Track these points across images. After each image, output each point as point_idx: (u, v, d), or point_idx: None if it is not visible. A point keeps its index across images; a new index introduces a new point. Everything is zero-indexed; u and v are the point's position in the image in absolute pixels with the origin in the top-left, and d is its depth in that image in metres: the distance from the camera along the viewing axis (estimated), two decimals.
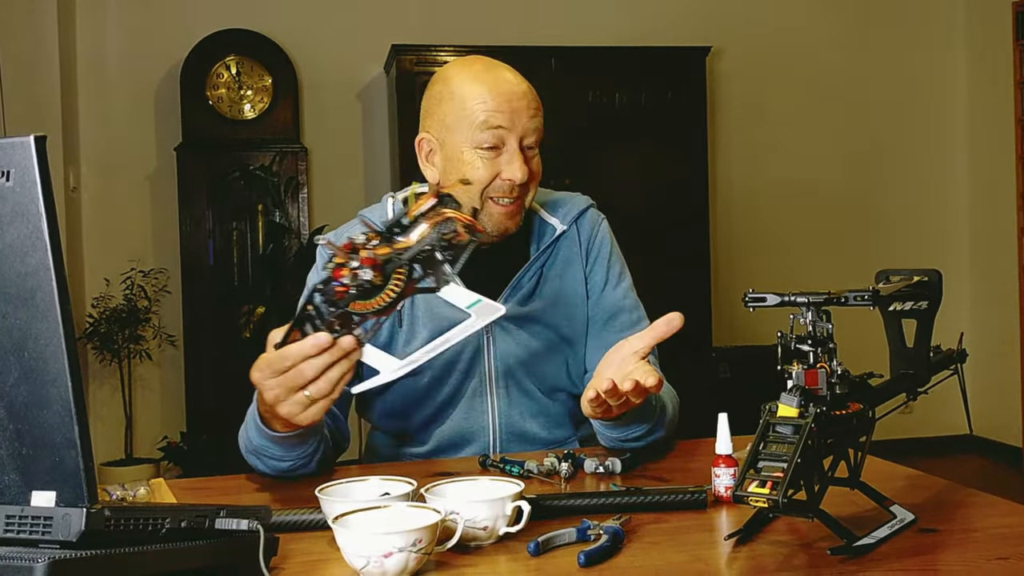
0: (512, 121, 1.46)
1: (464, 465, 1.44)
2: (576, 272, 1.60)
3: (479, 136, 1.46)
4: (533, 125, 1.48)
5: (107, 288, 4.46)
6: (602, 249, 1.63)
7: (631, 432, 1.44)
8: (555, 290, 1.58)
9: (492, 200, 1.49)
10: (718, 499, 1.19)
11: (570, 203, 1.64)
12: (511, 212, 1.50)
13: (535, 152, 1.51)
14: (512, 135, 1.47)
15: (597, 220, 1.65)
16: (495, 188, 1.48)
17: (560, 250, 1.60)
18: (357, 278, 1.12)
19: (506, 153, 1.47)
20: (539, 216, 1.61)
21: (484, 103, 1.47)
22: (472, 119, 1.47)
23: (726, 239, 5.01)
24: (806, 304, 1.04)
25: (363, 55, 4.76)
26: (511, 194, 1.48)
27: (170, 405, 4.65)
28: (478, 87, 1.48)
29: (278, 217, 4.54)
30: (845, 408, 1.03)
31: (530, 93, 1.50)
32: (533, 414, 1.56)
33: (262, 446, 1.35)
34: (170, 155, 4.54)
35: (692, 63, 4.66)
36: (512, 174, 1.46)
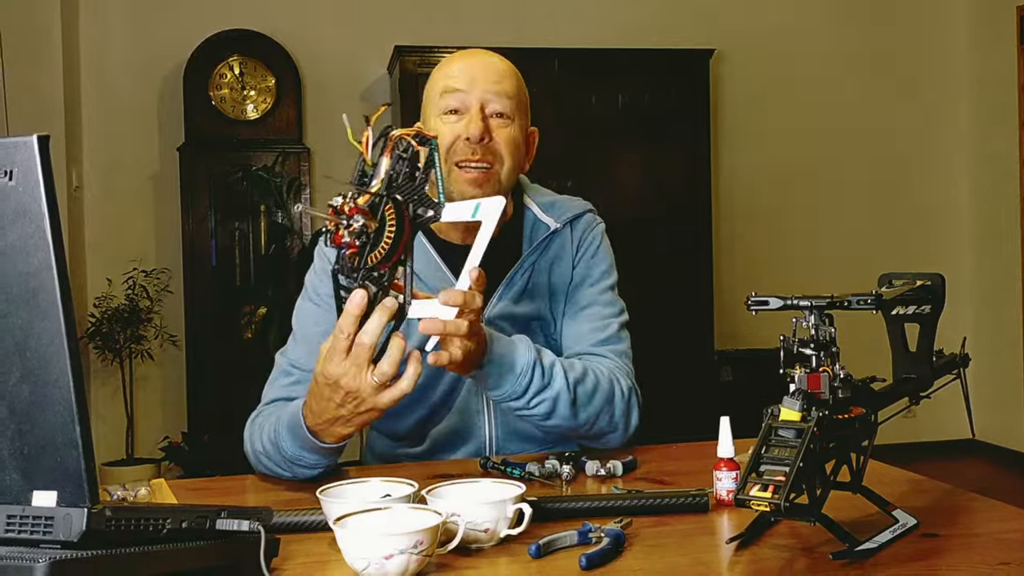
0: (471, 84, 1.50)
1: (465, 467, 1.44)
2: (565, 269, 1.60)
3: (441, 103, 1.51)
4: (495, 91, 1.50)
5: (109, 288, 4.46)
6: (591, 246, 1.62)
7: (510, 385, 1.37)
8: (544, 285, 1.58)
9: (457, 166, 1.49)
10: (720, 502, 1.19)
11: (567, 205, 1.64)
12: (477, 179, 1.49)
13: (504, 123, 1.51)
14: (471, 96, 1.50)
15: (592, 222, 1.65)
16: (458, 151, 1.49)
17: (551, 248, 1.60)
18: (354, 230, 1.12)
19: (466, 116, 1.50)
20: (534, 215, 1.61)
21: (447, 71, 1.53)
22: (436, 88, 1.53)
23: (728, 242, 5.01)
24: (809, 308, 1.04)
25: (366, 56, 4.76)
26: (473, 157, 1.48)
27: (172, 405, 4.65)
28: (447, 61, 1.57)
29: (280, 217, 4.54)
30: (847, 412, 1.03)
31: (500, 65, 1.54)
32: None
33: (298, 456, 1.34)
34: (173, 155, 4.54)
35: (695, 65, 4.66)
36: (467, 130, 1.48)
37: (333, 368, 1.17)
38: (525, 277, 1.57)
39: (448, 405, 1.54)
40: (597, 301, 1.59)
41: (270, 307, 4.39)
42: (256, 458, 1.43)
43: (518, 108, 1.53)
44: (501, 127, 1.51)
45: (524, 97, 1.56)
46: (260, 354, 4.54)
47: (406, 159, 1.14)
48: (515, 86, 1.53)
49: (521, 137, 1.54)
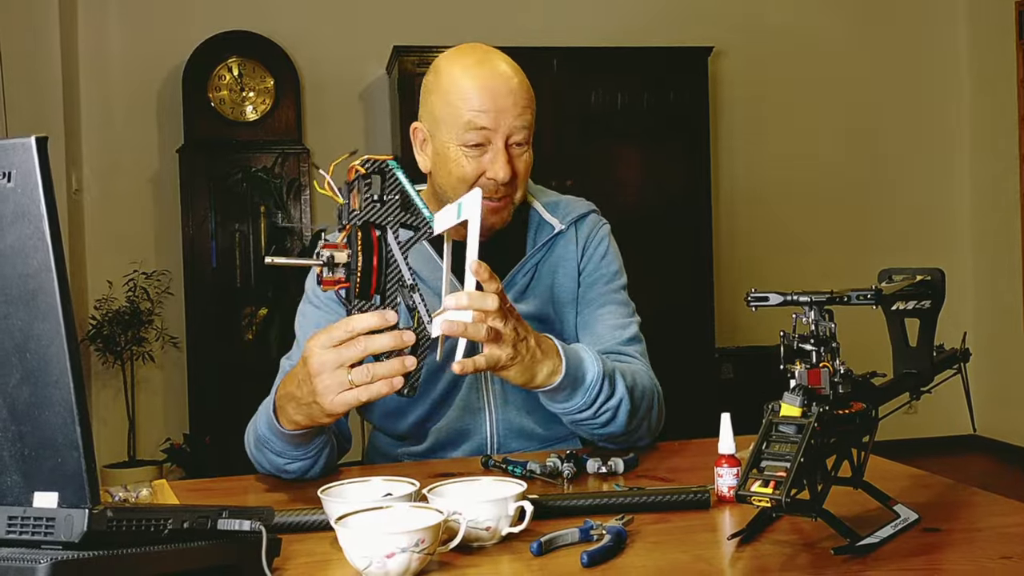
0: (497, 121, 1.44)
1: (466, 465, 1.44)
2: (570, 269, 1.59)
3: (464, 135, 1.45)
4: (520, 123, 1.46)
5: (110, 290, 4.46)
6: (599, 248, 1.62)
7: (580, 398, 1.38)
8: (548, 287, 1.58)
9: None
10: (721, 499, 1.19)
11: (571, 206, 1.64)
12: (496, 208, 1.49)
13: (524, 149, 1.49)
14: (497, 134, 1.45)
15: (597, 223, 1.65)
16: (483, 186, 1.47)
17: (556, 248, 1.59)
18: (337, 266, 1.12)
19: (490, 152, 1.46)
20: (538, 214, 1.61)
21: (469, 101, 1.44)
22: (457, 117, 1.45)
23: (729, 239, 5.01)
24: (808, 303, 1.04)
25: (365, 56, 4.76)
26: (496, 193, 1.47)
27: (173, 407, 4.66)
28: (465, 83, 1.45)
29: (280, 218, 4.55)
30: (848, 407, 1.03)
31: (519, 89, 1.46)
32: (530, 410, 1.55)
33: (266, 437, 1.34)
34: (172, 157, 4.55)
35: (694, 63, 4.66)
36: (495, 173, 1.45)
37: (316, 347, 1.17)
38: (528, 277, 1.57)
39: (448, 403, 1.54)
40: (613, 300, 1.59)
41: (271, 308, 4.40)
42: (249, 450, 1.43)
43: (533, 127, 1.50)
44: (520, 156, 1.49)
45: (535, 109, 1.52)
46: (261, 355, 4.55)
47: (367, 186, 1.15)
48: (532, 105, 1.48)
49: (532, 153, 1.52)
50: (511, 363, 1.26)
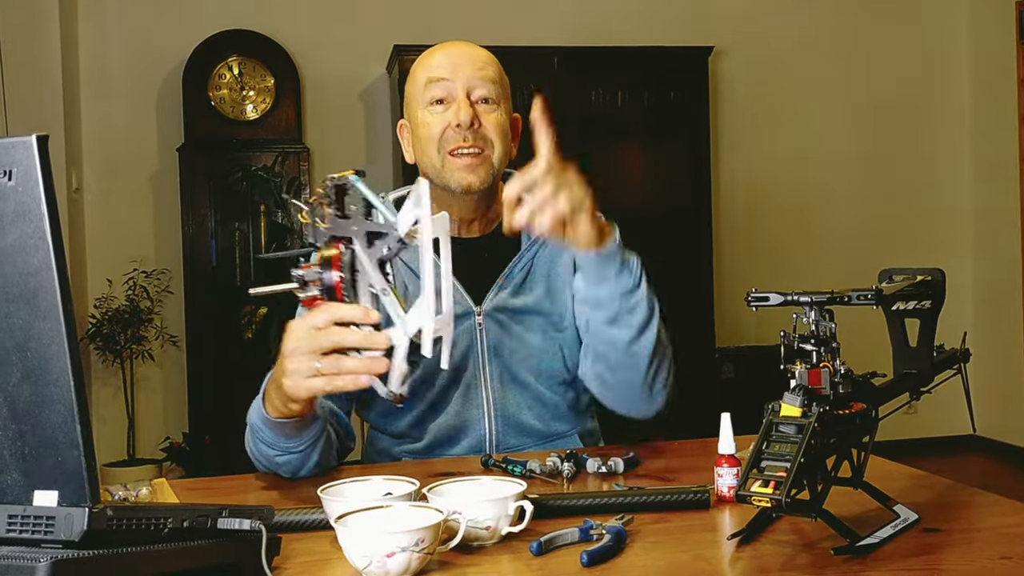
0: (454, 72, 1.50)
1: (466, 465, 1.43)
2: (567, 260, 1.58)
3: (426, 94, 1.52)
4: (480, 76, 1.51)
5: (109, 288, 4.47)
6: None
7: (625, 277, 1.40)
8: (546, 279, 1.57)
9: (450, 155, 1.50)
10: (721, 499, 1.19)
11: None
12: (471, 165, 1.50)
13: (492, 107, 1.52)
14: (456, 84, 1.50)
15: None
16: (448, 140, 1.49)
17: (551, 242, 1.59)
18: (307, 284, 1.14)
19: (453, 104, 1.50)
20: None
21: (428, 64, 1.53)
22: (420, 80, 1.53)
23: (729, 239, 5.01)
24: (809, 303, 1.04)
25: (365, 56, 4.76)
26: (464, 143, 1.49)
27: (172, 406, 4.66)
28: (428, 54, 1.56)
29: (280, 218, 4.54)
30: (848, 408, 1.03)
31: (479, 53, 1.54)
32: (529, 406, 1.55)
33: (256, 425, 1.35)
34: (172, 155, 4.55)
35: (695, 63, 4.66)
36: (457, 118, 1.48)
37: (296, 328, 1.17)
38: (525, 270, 1.57)
39: (447, 400, 1.54)
40: None
41: (270, 308, 4.39)
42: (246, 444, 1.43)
43: (502, 93, 1.54)
44: (488, 112, 1.52)
45: (507, 83, 1.57)
46: (260, 355, 4.55)
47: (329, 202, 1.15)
48: (497, 72, 1.55)
49: (507, 121, 1.55)
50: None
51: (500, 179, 1.56)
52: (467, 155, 1.49)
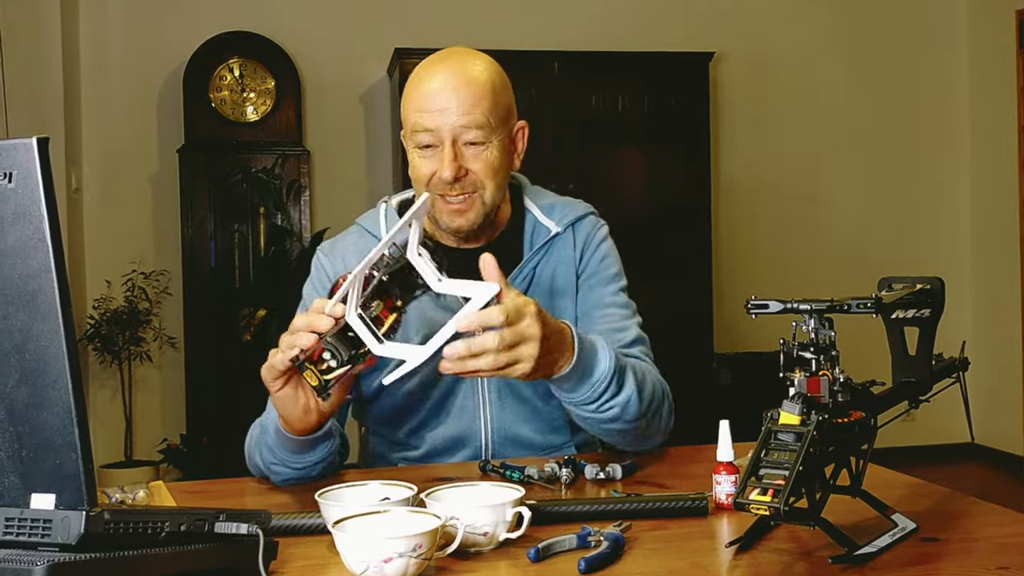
0: (437, 122, 1.44)
1: (464, 470, 1.43)
2: (568, 272, 1.58)
3: (413, 138, 1.48)
4: (466, 122, 1.43)
5: (108, 289, 4.46)
6: (597, 250, 1.60)
7: (586, 391, 1.36)
8: (547, 291, 1.56)
9: (441, 197, 1.48)
10: (719, 506, 1.19)
11: (568, 208, 1.62)
12: (459, 210, 1.48)
13: (482, 148, 1.45)
14: (442, 134, 1.44)
15: (595, 225, 1.63)
16: (436, 186, 1.47)
17: (553, 251, 1.58)
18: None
19: (440, 150, 1.46)
20: (534, 217, 1.60)
21: (414, 103, 1.46)
22: (408, 120, 1.49)
23: (728, 244, 5.01)
24: (808, 311, 1.04)
25: (366, 58, 4.76)
26: (451, 191, 1.46)
27: (170, 407, 4.65)
28: (415, 85, 1.48)
29: (280, 220, 4.54)
30: (847, 416, 1.03)
31: (467, 86, 1.43)
32: (527, 419, 1.55)
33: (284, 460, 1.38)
34: (172, 157, 4.55)
35: (695, 68, 4.66)
36: (440, 172, 1.45)
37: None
38: (526, 282, 1.56)
39: (445, 410, 1.54)
40: (613, 303, 1.58)
41: (269, 310, 4.39)
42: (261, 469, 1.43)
43: (496, 127, 1.46)
44: (476, 155, 1.46)
45: (503, 108, 1.48)
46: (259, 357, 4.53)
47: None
48: (489, 106, 1.44)
49: (501, 155, 1.49)
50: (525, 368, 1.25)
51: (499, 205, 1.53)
52: (455, 200, 1.47)
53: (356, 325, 1.15)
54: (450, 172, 1.44)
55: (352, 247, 1.58)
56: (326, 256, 1.59)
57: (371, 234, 1.58)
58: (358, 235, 1.60)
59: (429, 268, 1.19)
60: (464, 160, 1.45)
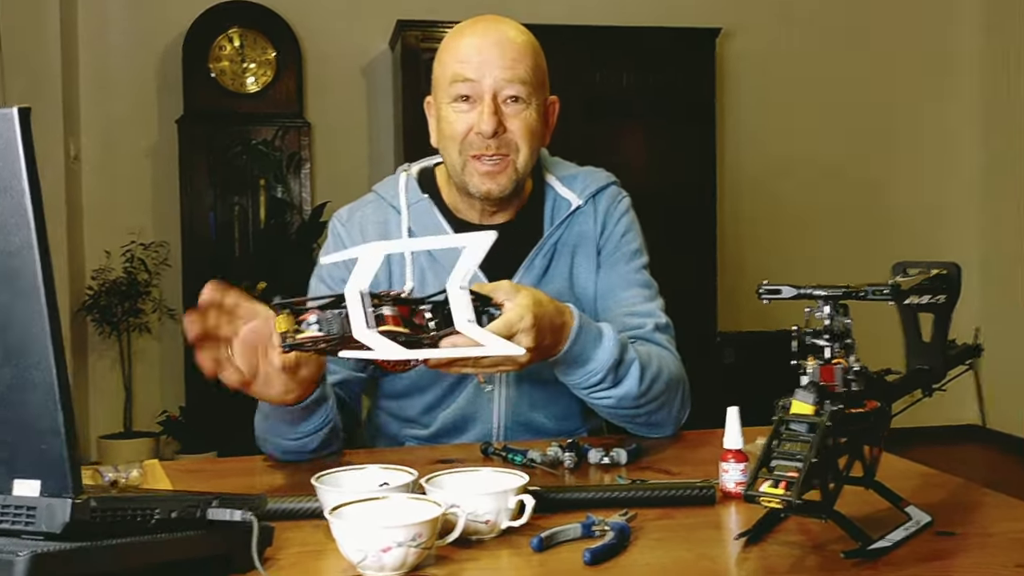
0: (481, 71, 1.40)
1: (466, 452, 1.40)
2: (589, 248, 1.53)
3: (451, 89, 1.42)
4: (508, 76, 1.40)
5: (107, 260, 4.42)
6: (619, 224, 1.55)
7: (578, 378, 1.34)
8: (568, 268, 1.52)
9: (473, 158, 1.43)
10: (726, 494, 1.16)
11: (590, 178, 1.57)
12: (492, 172, 1.43)
13: (521, 107, 1.42)
14: (483, 86, 1.40)
15: (617, 196, 1.58)
16: (471, 145, 1.42)
17: (574, 225, 1.53)
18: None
19: (478, 105, 1.41)
20: (554, 190, 1.55)
21: (455, 54, 1.43)
22: (445, 72, 1.43)
23: (733, 221, 4.95)
24: (824, 298, 1.00)
25: (368, 30, 4.69)
26: (487, 151, 1.41)
27: (169, 379, 4.63)
28: (455, 38, 1.44)
29: (280, 192, 4.50)
30: (862, 406, 1.00)
31: (511, 43, 1.41)
32: (541, 404, 1.51)
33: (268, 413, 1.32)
34: (172, 127, 4.49)
35: (702, 43, 4.60)
36: (479, 126, 1.40)
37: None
38: (547, 258, 1.51)
39: (459, 389, 1.50)
40: (635, 281, 1.54)
41: (268, 282, 4.35)
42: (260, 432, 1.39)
43: (535, 89, 1.43)
44: (516, 114, 1.42)
45: (542, 73, 1.46)
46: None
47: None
48: (531, 66, 1.42)
49: (539, 119, 1.46)
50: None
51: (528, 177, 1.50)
52: (489, 162, 1.42)
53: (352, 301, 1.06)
54: (489, 125, 1.39)
55: (371, 216, 1.53)
56: (343, 225, 1.54)
57: (389, 204, 1.53)
58: (376, 204, 1.55)
59: (464, 306, 1.10)
60: (503, 117, 1.41)
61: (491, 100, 1.40)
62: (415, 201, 1.53)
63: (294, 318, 1.09)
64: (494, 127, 1.40)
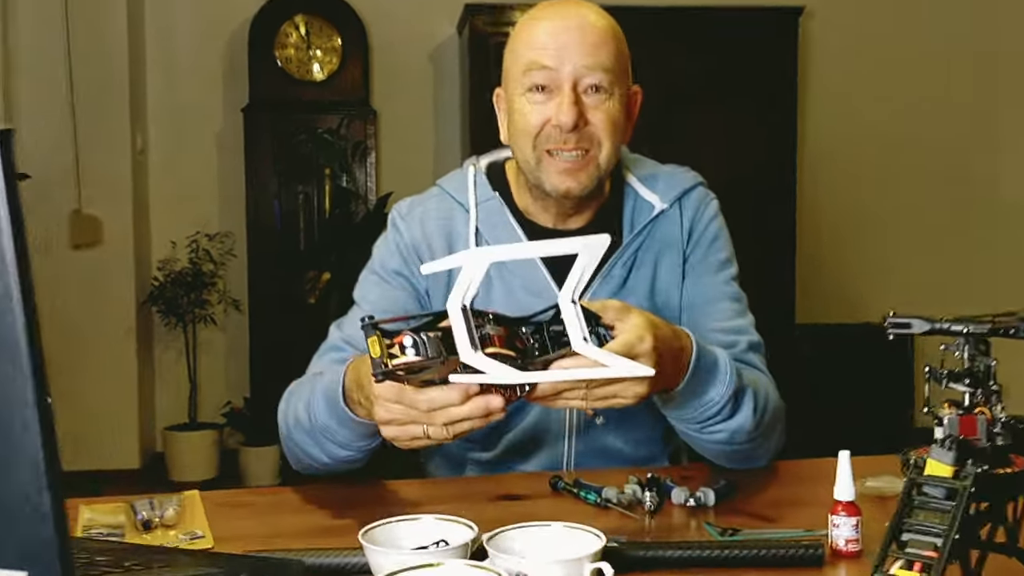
0: (559, 59, 1.26)
1: (533, 485, 1.27)
2: (674, 257, 1.38)
3: (525, 79, 1.28)
4: (589, 62, 1.26)
5: (173, 251, 4.39)
6: (707, 231, 1.40)
7: (694, 411, 1.20)
8: (650, 279, 1.37)
9: (548, 154, 1.29)
10: (836, 553, 1.00)
11: (674, 179, 1.42)
12: (570, 169, 1.28)
13: (603, 97, 1.28)
14: (561, 75, 1.26)
15: (705, 199, 1.43)
16: (547, 138, 1.28)
17: (657, 232, 1.38)
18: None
19: (556, 95, 1.27)
20: (635, 192, 1.40)
21: (531, 41, 1.29)
22: (520, 60, 1.29)
23: (812, 212, 4.71)
24: (963, 334, 0.84)
25: (435, 15, 4.56)
26: (565, 145, 1.27)
27: (234, 370, 4.59)
28: (530, 24, 1.31)
29: (345, 181, 4.41)
30: (1009, 464, 0.83)
31: (591, 28, 1.27)
32: (617, 426, 1.36)
33: (330, 428, 1.19)
34: (237, 116, 4.43)
35: (783, 24, 4.37)
36: (557, 117, 1.26)
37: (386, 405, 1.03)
38: (626, 268, 1.37)
39: (526, 411, 1.36)
40: (725, 295, 1.39)
41: (333, 273, 4.28)
42: (287, 432, 1.28)
43: (618, 77, 1.29)
44: (598, 105, 1.28)
45: (625, 60, 1.32)
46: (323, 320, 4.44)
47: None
48: (614, 52, 1.28)
49: (622, 111, 1.31)
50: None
51: (609, 176, 1.35)
52: (568, 159, 1.28)
53: (456, 319, 0.92)
54: (569, 117, 1.25)
55: (434, 212, 1.40)
56: (403, 220, 1.40)
57: (455, 200, 1.40)
58: (439, 199, 1.42)
59: (578, 322, 0.97)
60: (584, 108, 1.27)
61: (571, 90, 1.26)
62: (484, 199, 1.39)
63: (386, 340, 0.95)
64: (574, 119, 1.25)
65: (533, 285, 1.34)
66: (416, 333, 0.94)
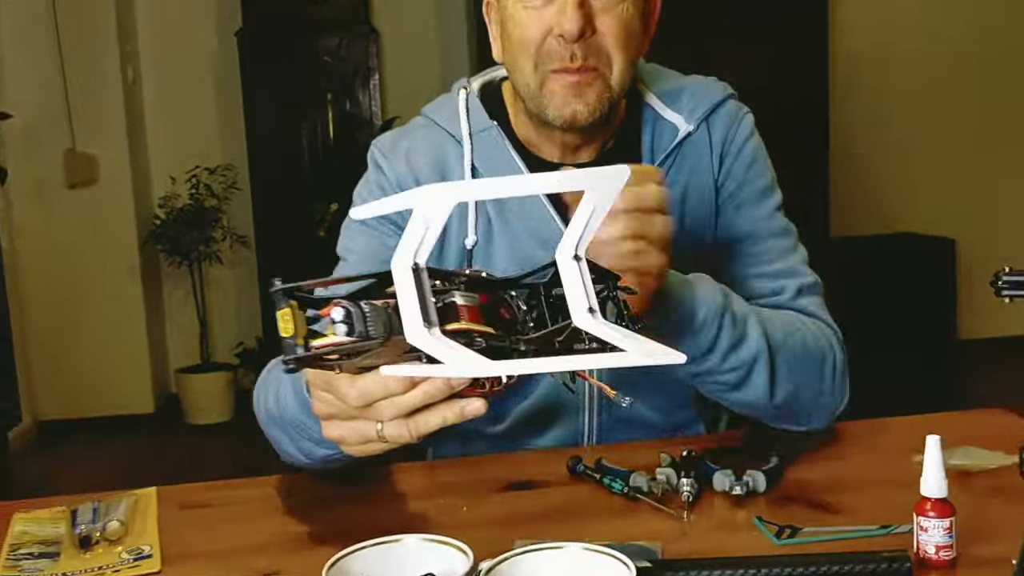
0: None
1: (548, 468, 1.07)
2: (704, 187, 1.16)
3: None
4: None
5: (173, 187, 4.19)
6: (742, 153, 1.17)
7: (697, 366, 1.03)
8: (676, 216, 1.15)
9: (553, 75, 1.06)
10: (924, 561, 0.81)
11: (700, 93, 1.18)
12: (577, 85, 1.05)
13: (613, 2, 1.05)
14: None
15: (737, 115, 1.19)
16: (549, 54, 1.05)
17: (683, 158, 1.16)
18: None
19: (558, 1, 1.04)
20: (654, 112, 1.17)
21: None
22: None
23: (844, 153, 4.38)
24: None
25: None
26: (572, 62, 1.04)
27: (246, 309, 4.44)
28: None
29: (348, 107, 4.17)
30: None
31: None
32: (646, 391, 1.15)
33: (301, 423, 0.98)
34: (231, 41, 4.16)
35: None
36: (561, 26, 1.03)
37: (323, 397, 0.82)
38: None
39: (539, 378, 1.16)
40: (769, 230, 1.17)
41: (341, 203, 4.07)
42: (262, 425, 1.07)
43: None
44: (608, 9, 1.04)
45: None
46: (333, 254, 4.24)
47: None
48: None
49: (637, 17, 1.07)
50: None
51: (623, 95, 1.11)
52: (574, 76, 1.05)
53: (403, 283, 0.67)
54: (575, 24, 1.02)
55: (421, 146, 1.17)
56: (385, 157, 1.18)
57: (445, 131, 1.17)
58: (427, 130, 1.19)
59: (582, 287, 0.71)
60: (591, 13, 1.04)
61: None
62: (480, 129, 1.17)
63: (311, 313, 0.71)
64: (580, 26, 1.02)
65: (542, 231, 1.13)
66: (354, 302, 0.69)
